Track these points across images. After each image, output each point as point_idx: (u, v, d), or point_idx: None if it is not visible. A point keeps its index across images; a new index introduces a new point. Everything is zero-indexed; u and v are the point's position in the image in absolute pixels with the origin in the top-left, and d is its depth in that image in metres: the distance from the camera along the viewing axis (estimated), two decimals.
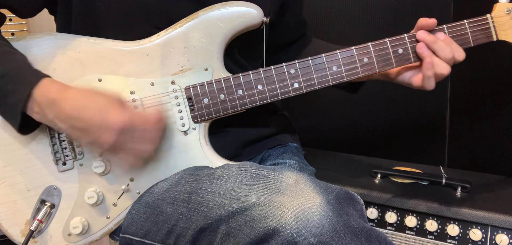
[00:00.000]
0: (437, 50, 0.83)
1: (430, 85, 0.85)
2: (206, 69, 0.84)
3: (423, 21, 0.84)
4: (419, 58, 0.86)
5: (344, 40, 1.39)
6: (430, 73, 0.83)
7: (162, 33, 0.84)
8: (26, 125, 0.77)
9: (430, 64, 0.83)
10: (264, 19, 0.85)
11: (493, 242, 1.03)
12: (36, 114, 0.75)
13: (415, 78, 0.87)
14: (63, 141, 0.83)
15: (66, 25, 0.88)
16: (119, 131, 0.72)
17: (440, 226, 1.08)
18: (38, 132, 0.82)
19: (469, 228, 1.05)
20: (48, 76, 0.76)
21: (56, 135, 0.83)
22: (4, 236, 0.85)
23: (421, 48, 0.84)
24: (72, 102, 0.73)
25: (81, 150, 0.83)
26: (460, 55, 0.84)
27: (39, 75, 0.75)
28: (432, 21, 0.84)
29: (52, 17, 0.94)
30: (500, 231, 1.02)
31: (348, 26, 1.51)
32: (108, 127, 0.71)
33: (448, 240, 1.08)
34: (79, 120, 0.72)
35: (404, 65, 0.87)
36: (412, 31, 0.87)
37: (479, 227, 1.04)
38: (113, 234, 0.90)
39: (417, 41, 0.85)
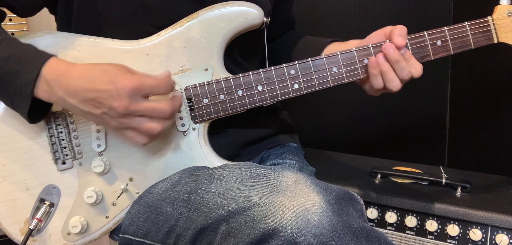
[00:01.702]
0: (396, 70, 0.83)
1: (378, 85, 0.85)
2: (206, 70, 0.84)
3: (396, 35, 0.83)
4: None
5: (343, 40, 1.39)
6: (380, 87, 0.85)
7: (162, 33, 0.84)
8: (34, 110, 0.76)
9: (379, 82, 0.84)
10: (265, 19, 0.85)
11: (493, 242, 1.03)
12: (45, 93, 0.74)
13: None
14: (63, 140, 0.83)
15: (66, 24, 0.88)
16: (130, 93, 0.71)
17: (440, 226, 1.08)
18: (38, 131, 0.82)
19: (469, 228, 1.05)
20: (54, 56, 0.75)
21: (55, 133, 0.82)
22: (4, 235, 0.85)
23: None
24: (80, 75, 0.72)
25: (80, 149, 0.83)
26: (417, 71, 0.83)
27: (46, 55, 0.74)
28: (401, 42, 0.83)
29: (52, 17, 0.94)
30: (500, 231, 1.02)
31: (348, 26, 1.51)
32: (118, 92, 0.70)
33: (448, 240, 1.08)
34: (89, 91, 0.71)
35: None
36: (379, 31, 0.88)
37: (479, 227, 1.04)
38: (113, 233, 0.90)
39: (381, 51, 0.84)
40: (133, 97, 0.71)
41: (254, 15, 0.83)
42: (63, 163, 0.83)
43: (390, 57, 0.83)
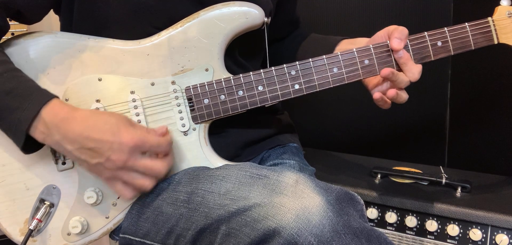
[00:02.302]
0: (396, 85, 0.85)
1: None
2: (206, 70, 0.84)
3: (393, 38, 0.84)
4: None
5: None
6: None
7: (162, 33, 0.84)
8: (28, 143, 0.75)
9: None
10: (265, 19, 0.85)
11: (493, 242, 1.03)
12: (41, 134, 0.73)
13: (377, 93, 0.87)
14: None
15: (68, 25, 0.88)
16: (131, 148, 0.71)
17: (440, 226, 1.08)
18: None
19: (469, 228, 1.05)
20: (57, 97, 0.75)
21: None
22: (3, 235, 0.85)
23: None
24: (82, 123, 0.72)
25: None
26: (414, 75, 0.84)
27: (49, 95, 0.74)
28: (397, 45, 0.84)
29: (52, 17, 0.93)
30: (500, 231, 1.02)
31: (348, 27, 1.51)
32: (119, 146, 0.71)
33: (448, 240, 1.08)
34: (89, 139, 0.71)
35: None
36: (381, 33, 0.88)
37: (479, 227, 1.04)
38: (113, 233, 0.90)
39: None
40: (133, 153, 0.72)
41: (255, 15, 0.83)
42: (63, 163, 0.83)
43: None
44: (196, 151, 0.85)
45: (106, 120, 0.73)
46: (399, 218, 1.12)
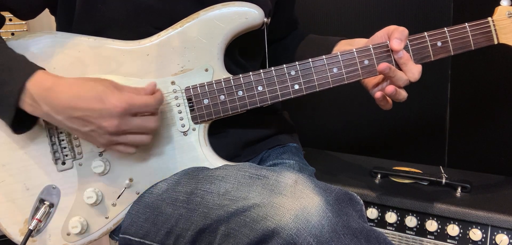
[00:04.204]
0: (394, 82, 0.84)
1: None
2: (206, 70, 0.84)
3: (393, 39, 0.83)
4: None
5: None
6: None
7: (162, 33, 0.84)
8: (20, 121, 0.75)
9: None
10: (265, 19, 0.85)
11: (493, 242, 1.03)
12: (30, 107, 0.73)
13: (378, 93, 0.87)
14: (63, 140, 0.83)
15: (66, 25, 0.88)
16: (120, 113, 0.71)
17: (440, 226, 1.08)
18: (37, 131, 0.82)
19: (469, 228, 1.05)
20: (43, 68, 0.75)
21: (55, 134, 0.82)
22: (3, 235, 0.85)
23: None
24: (67, 92, 0.71)
25: (81, 149, 0.83)
26: (414, 75, 0.83)
27: (34, 67, 0.74)
28: (398, 46, 0.83)
29: (52, 18, 0.94)
30: (500, 231, 1.02)
31: (348, 27, 1.51)
32: (109, 112, 0.70)
33: (448, 240, 1.08)
34: (76, 109, 0.71)
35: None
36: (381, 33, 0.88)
37: (479, 227, 1.04)
38: (113, 234, 0.90)
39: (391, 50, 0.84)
40: (123, 117, 0.71)
41: (254, 15, 0.83)
42: (63, 163, 0.83)
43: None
44: (196, 151, 0.85)
45: (91, 87, 0.72)
46: (399, 218, 1.12)
